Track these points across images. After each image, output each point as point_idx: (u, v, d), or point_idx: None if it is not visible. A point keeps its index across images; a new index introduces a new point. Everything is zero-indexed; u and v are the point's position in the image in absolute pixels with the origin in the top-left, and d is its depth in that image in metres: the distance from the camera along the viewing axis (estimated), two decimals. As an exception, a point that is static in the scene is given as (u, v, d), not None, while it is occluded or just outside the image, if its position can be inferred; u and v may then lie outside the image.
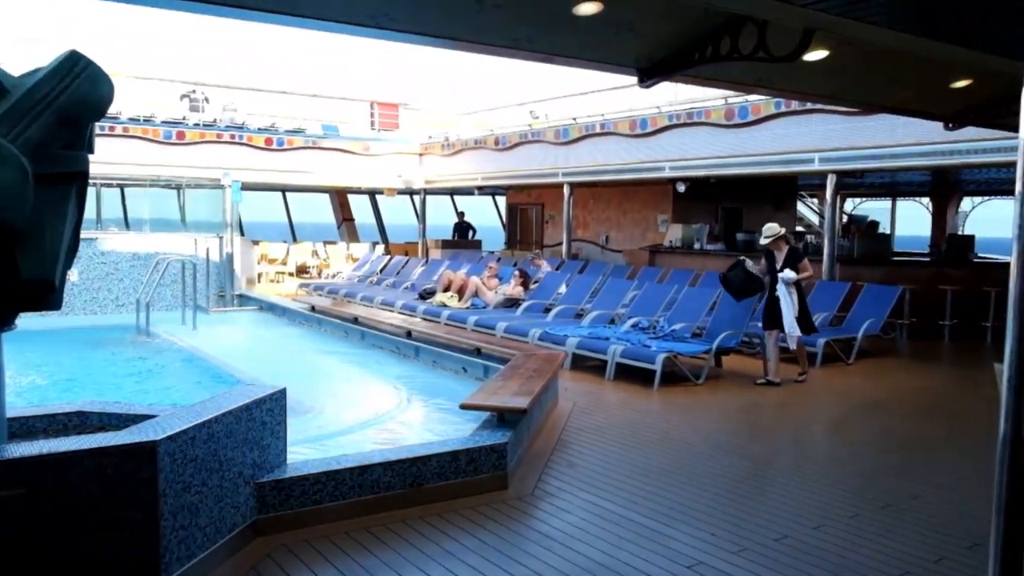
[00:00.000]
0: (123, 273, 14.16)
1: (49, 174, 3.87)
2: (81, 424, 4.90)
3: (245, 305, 15.43)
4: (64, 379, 8.52)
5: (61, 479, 3.57)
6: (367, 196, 25.22)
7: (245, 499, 4.50)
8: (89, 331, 11.50)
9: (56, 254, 3.91)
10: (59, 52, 4.04)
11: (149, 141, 17.89)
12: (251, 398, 4.59)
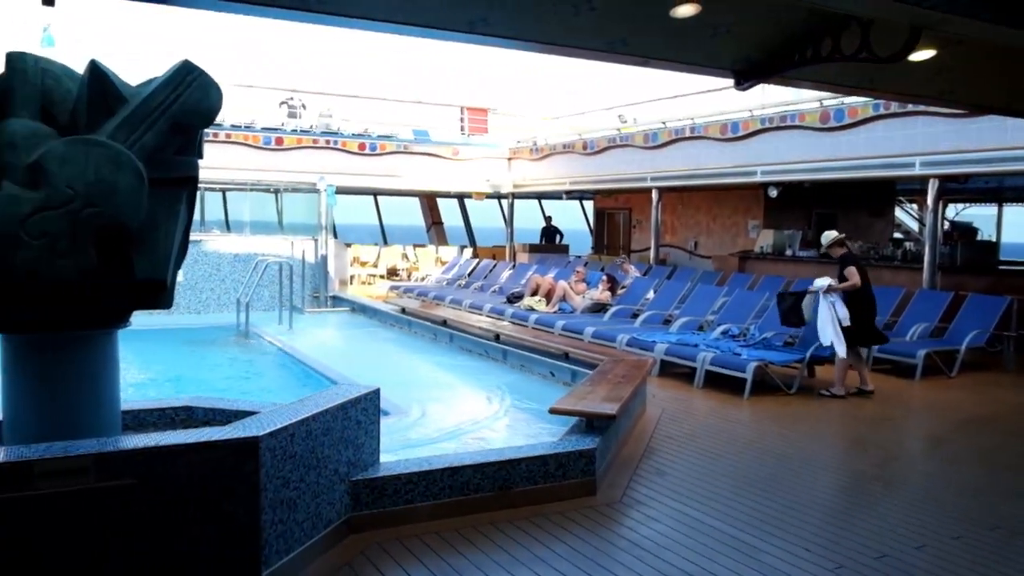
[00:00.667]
0: (224, 274, 14.71)
1: (162, 179, 4.07)
2: (188, 418, 5.12)
3: (338, 306, 15.81)
4: (171, 375, 8.90)
5: (170, 470, 3.73)
6: (456, 200, 25.52)
7: (340, 496, 4.61)
8: (193, 330, 12.00)
9: (168, 255, 4.10)
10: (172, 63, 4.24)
11: (249, 147, 18.54)
12: (347, 397, 4.71)
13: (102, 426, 4.15)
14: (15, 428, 4.09)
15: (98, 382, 4.16)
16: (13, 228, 3.65)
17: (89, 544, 3.54)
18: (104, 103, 3.98)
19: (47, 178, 3.71)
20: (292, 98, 21.44)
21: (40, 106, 3.93)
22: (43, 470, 3.43)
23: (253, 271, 13.57)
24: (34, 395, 4.06)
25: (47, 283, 3.76)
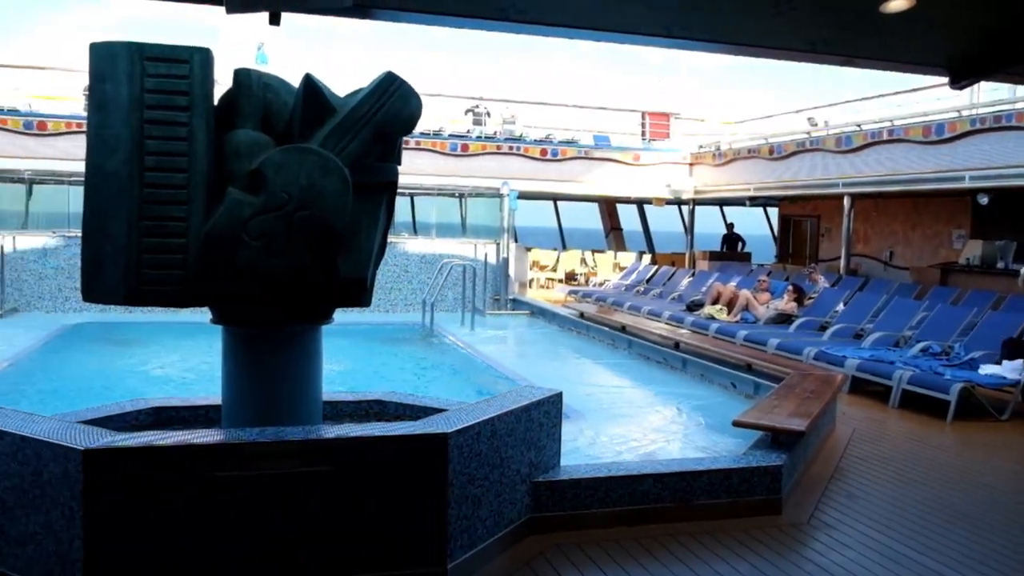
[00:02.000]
0: (412, 275, 15.37)
1: (365, 184, 4.29)
2: (380, 412, 5.38)
3: (517, 309, 16.10)
4: (363, 370, 9.40)
5: (364, 461, 3.94)
6: (635, 205, 25.33)
7: (521, 496, 4.68)
8: (382, 328, 12.61)
9: (369, 256, 4.32)
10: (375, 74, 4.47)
11: (437, 153, 19.26)
12: (531, 400, 4.77)
13: (305, 415, 4.44)
14: (231, 413, 4.46)
15: (303, 374, 4.47)
16: (236, 229, 3.98)
17: (292, 523, 3.80)
18: (316, 114, 4.26)
19: (265, 184, 4.02)
20: (477, 106, 22.05)
21: (261, 117, 4.26)
22: (256, 453, 3.71)
23: (438, 273, 14.08)
24: (248, 384, 4.41)
25: (264, 280, 4.07)
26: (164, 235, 3.97)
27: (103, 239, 3.97)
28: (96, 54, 3.97)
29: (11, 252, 13.92)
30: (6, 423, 3.89)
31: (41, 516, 3.70)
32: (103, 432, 3.80)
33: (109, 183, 3.95)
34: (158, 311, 11.61)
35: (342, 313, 4.69)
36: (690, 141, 22.16)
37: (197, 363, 10.17)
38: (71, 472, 3.58)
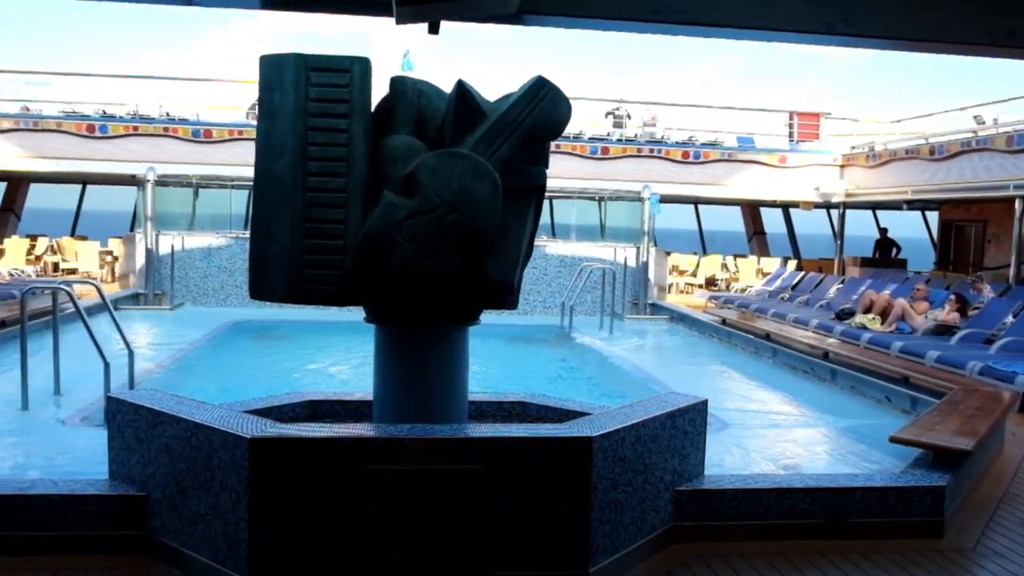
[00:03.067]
0: (551, 278, 15.46)
1: (514, 187, 4.35)
2: (523, 413, 5.43)
3: (656, 314, 15.89)
4: (503, 371, 9.54)
5: (510, 461, 3.98)
6: (779, 209, 24.47)
7: (664, 504, 4.61)
8: (521, 330, 12.74)
9: (517, 258, 4.38)
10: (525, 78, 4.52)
11: (577, 156, 19.29)
12: (675, 406, 4.70)
13: (453, 414, 4.54)
14: (382, 409, 4.62)
15: (452, 374, 4.57)
16: (391, 231, 4.12)
17: (438, 518, 3.89)
18: (467, 118, 4.35)
19: (419, 187, 4.14)
20: (618, 108, 21.92)
21: (415, 123, 4.39)
22: (409, 448, 3.83)
23: (577, 276, 14.09)
24: (399, 381, 4.56)
25: (415, 280, 4.19)
26: (324, 236, 4.16)
27: (268, 239, 4.20)
28: (266, 66, 4.21)
29: (180, 251, 14.98)
30: (181, 410, 4.19)
31: (211, 498, 3.96)
32: (267, 422, 4.03)
33: (275, 187, 4.17)
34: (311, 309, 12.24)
35: (481, 314, 4.77)
36: (841, 142, 21.19)
37: (346, 359, 10.62)
38: (238, 458, 3.81)
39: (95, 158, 18.18)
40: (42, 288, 8.65)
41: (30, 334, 7.35)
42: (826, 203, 21.19)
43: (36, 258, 19.71)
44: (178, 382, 8.51)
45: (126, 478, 4.44)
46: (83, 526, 4.31)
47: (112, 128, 18.24)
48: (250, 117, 19.43)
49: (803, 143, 21.46)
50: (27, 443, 6.22)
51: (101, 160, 18.19)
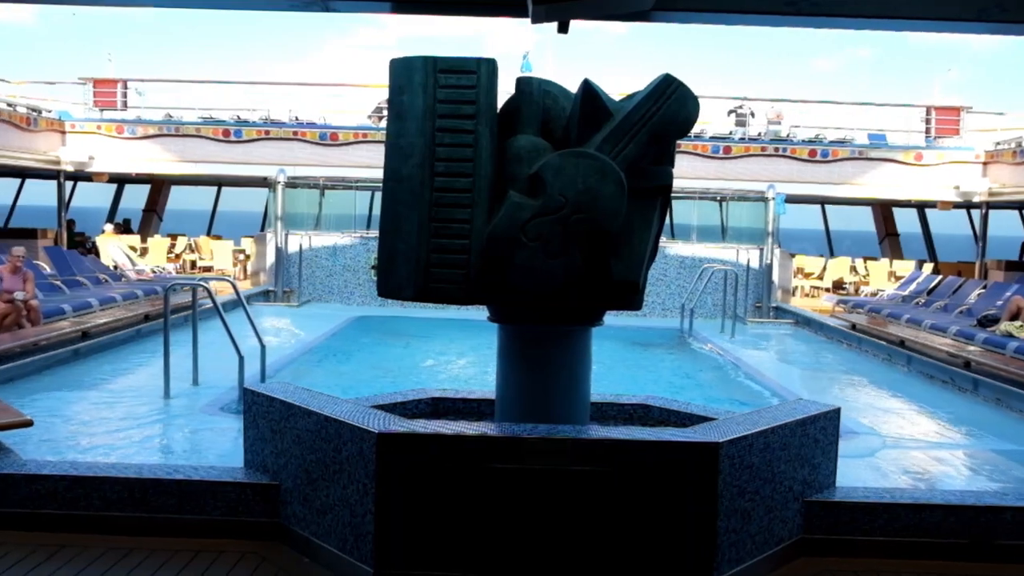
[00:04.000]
0: (670, 279, 15.20)
1: (640, 187, 4.28)
2: (644, 416, 5.35)
3: (780, 318, 15.38)
4: (622, 372, 9.45)
5: (633, 464, 3.92)
6: (914, 209, 23.23)
7: (793, 515, 4.43)
8: (639, 331, 12.58)
9: (642, 259, 4.30)
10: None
11: (698, 156, 18.91)
12: (806, 414, 4.51)
13: (575, 414, 4.51)
14: (504, 408, 4.64)
15: (574, 374, 4.54)
16: (515, 231, 4.12)
17: (558, 519, 3.87)
18: (593, 118, 4.31)
19: (544, 187, 4.13)
20: (741, 106, 21.36)
21: (540, 123, 4.38)
22: (531, 448, 3.83)
23: (698, 278, 13.80)
24: (522, 380, 4.56)
25: (540, 280, 4.18)
26: (450, 236, 4.21)
27: (397, 239, 4.28)
28: (395, 68, 4.29)
29: (307, 250, 15.57)
30: (312, 403, 4.33)
31: (339, 490, 4.07)
32: (394, 418, 4.11)
33: (404, 187, 4.25)
34: (430, 308, 12.50)
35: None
36: (984, 137, 19.91)
37: (464, 357, 10.77)
38: (366, 452, 3.90)
39: (230, 161, 19.13)
40: (183, 285, 9.17)
41: (171, 327, 7.79)
42: (966, 203, 19.97)
43: (176, 256, 20.91)
44: (305, 376, 8.85)
45: (260, 467, 4.63)
46: (220, 512, 4.51)
47: (246, 133, 19.15)
48: (373, 120, 20.01)
49: (941, 139, 20.30)
50: (169, 430, 6.60)
51: (235, 163, 19.13)
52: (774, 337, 13.74)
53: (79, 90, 20.39)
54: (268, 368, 7.80)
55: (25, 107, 18.20)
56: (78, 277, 14.95)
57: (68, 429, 6.41)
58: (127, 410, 7.08)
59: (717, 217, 18.20)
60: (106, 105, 20.19)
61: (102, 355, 9.33)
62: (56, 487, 4.52)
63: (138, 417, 6.83)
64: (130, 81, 20.59)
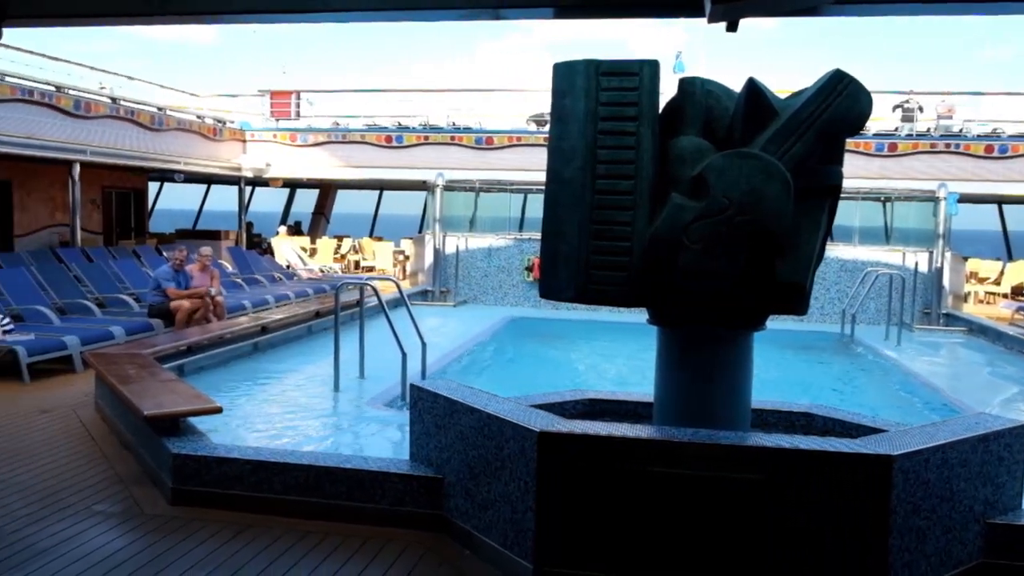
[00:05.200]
0: (829, 283, 14.53)
1: (807, 188, 4.16)
2: (807, 424, 5.18)
3: (952, 325, 14.38)
4: (780, 378, 9.13)
5: (797, 474, 3.80)
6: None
7: (973, 537, 4.17)
8: (796, 335, 12.12)
9: (809, 262, 4.18)
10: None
11: (860, 154, 18.01)
12: (988, 429, 4.23)
13: (735, 420, 4.43)
14: (662, 411, 4.62)
15: (735, 379, 4.46)
16: (677, 233, 4.10)
17: (716, 526, 3.81)
18: (758, 117, 4.22)
19: (707, 189, 4.09)
20: (907, 100, 20.18)
21: (703, 123, 4.34)
22: (692, 453, 3.80)
23: (860, 282, 13.14)
24: (681, 384, 4.53)
25: (702, 283, 4.14)
26: (611, 238, 4.24)
27: (558, 240, 4.35)
28: (558, 72, 4.37)
29: (463, 252, 15.98)
30: (475, 401, 4.47)
31: (501, 486, 4.19)
32: (555, 417, 4.18)
33: (565, 190, 4.32)
34: (582, 309, 12.54)
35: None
36: None
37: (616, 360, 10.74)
38: (527, 450, 3.99)
39: (391, 166, 19.95)
40: (351, 284, 9.65)
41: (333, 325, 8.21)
42: None
43: (341, 256, 22.00)
44: (461, 374, 9.11)
45: (425, 460, 4.83)
46: (388, 502, 4.74)
47: (406, 138, 19.91)
48: (529, 124, 20.31)
49: None
50: (339, 421, 6.97)
51: (396, 168, 19.93)
52: (945, 346, 12.86)
53: (258, 101, 21.87)
54: (427, 366, 8.09)
55: (211, 119, 19.71)
56: (256, 275, 16.06)
57: (250, 417, 6.90)
58: (301, 401, 7.54)
59: (880, 218, 17.24)
60: (281, 115, 21.56)
61: (278, 349, 9.97)
62: (242, 470, 4.90)
63: (310, 408, 7.26)
64: (302, 92, 21.90)
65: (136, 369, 6.61)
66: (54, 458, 5.84)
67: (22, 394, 7.81)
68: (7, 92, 13.48)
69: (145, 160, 17.09)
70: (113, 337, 9.41)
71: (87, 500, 5.02)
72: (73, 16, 3.43)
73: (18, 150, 13.76)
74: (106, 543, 4.42)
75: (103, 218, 19.45)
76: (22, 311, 10.05)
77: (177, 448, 5.01)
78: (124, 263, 14.27)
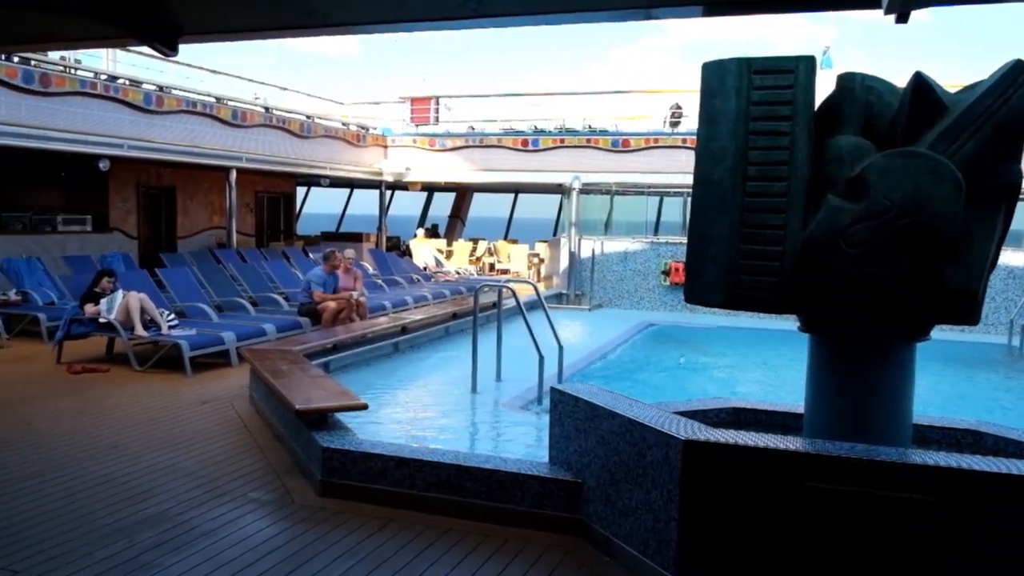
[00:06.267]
0: (995, 291, 13.52)
1: (981, 188, 3.87)
2: (975, 443, 4.82)
3: None
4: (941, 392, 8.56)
5: (967, 496, 3.53)
6: None
7: None
8: (955, 346, 11.35)
9: (981, 268, 3.89)
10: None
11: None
12: None
13: (895, 436, 4.16)
14: (814, 423, 4.40)
15: (895, 392, 4.19)
16: (834, 237, 3.90)
17: (879, 548, 3.58)
18: (925, 113, 3.96)
19: (867, 190, 3.87)
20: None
21: (862, 121, 4.11)
22: (851, 469, 3.59)
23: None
24: (835, 396, 4.29)
25: (860, 289, 3.92)
26: (762, 242, 4.08)
27: (706, 244, 4.23)
28: (708, 72, 4.24)
29: (599, 255, 15.91)
30: (616, 405, 4.41)
31: (642, 493, 4.10)
32: (700, 426, 4.06)
33: (714, 192, 4.19)
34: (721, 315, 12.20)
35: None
36: None
37: (757, 368, 10.39)
38: (671, 458, 3.89)
39: (527, 169, 20.12)
40: (490, 286, 9.78)
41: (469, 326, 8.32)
42: None
43: (476, 259, 22.36)
44: (596, 377, 9.04)
45: (564, 464, 4.80)
46: (526, 503, 4.74)
47: (542, 142, 20.02)
48: (666, 125, 20.01)
49: None
50: (476, 421, 7.06)
51: (531, 171, 20.08)
52: None
53: (398, 108, 22.57)
54: (564, 369, 8.07)
55: (356, 125, 20.50)
56: (396, 276, 16.56)
57: (391, 414, 7.10)
58: (439, 401, 7.69)
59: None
60: (421, 121, 22.16)
61: (417, 349, 10.23)
62: (387, 466, 5.03)
63: (449, 408, 7.40)
64: (441, 98, 22.42)
65: (287, 365, 6.92)
66: (213, 446, 6.19)
67: (184, 385, 8.33)
68: (174, 104, 14.47)
69: (294, 166, 17.95)
70: (265, 334, 9.90)
71: (243, 488, 5.28)
72: (242, 31, 3.60)
73: (183, 157, 14.75)
74: (261, 529, 4.64)
75: (255, 221, 20.58)
76: (185, 308, 10.75)
77: (326, 442, 5.20)
78: (275, 264, 15.02)
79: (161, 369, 8.91)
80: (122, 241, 16.08)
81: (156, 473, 5.53)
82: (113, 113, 13.20)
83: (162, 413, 7.17)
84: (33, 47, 7.64)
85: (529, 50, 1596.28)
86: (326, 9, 3.31)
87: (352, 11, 3.37)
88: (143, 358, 9.06)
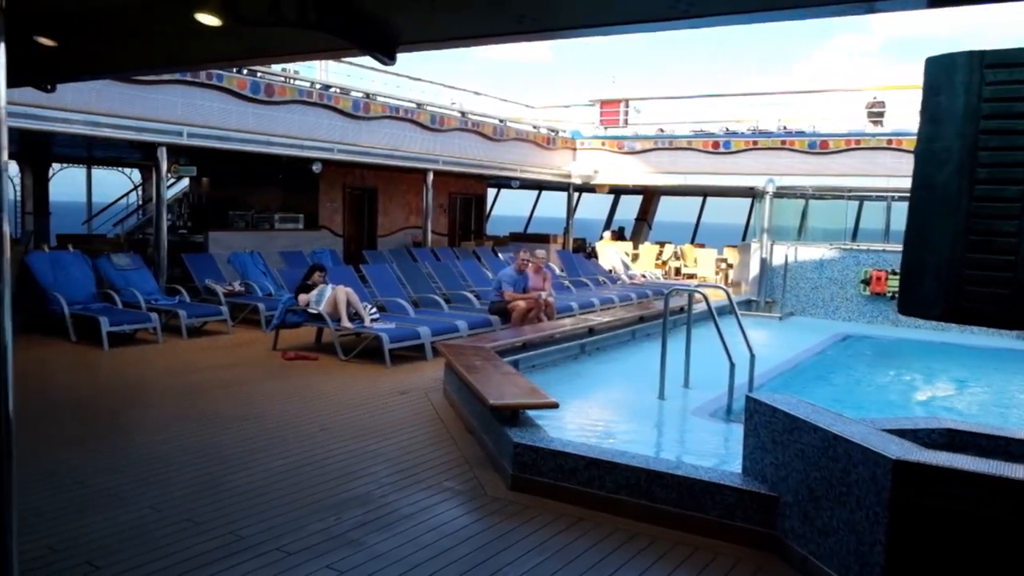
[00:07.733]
0: None
1: None
2: None
3: None
4: None
5: None
6: None
7: None
8: None
9: None
10: None
11: None
12: None
13: None
14: None
15: None
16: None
17: None
18: None
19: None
20: None
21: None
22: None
23: None
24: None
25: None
26: (992, 251, 3.76)
27: (924, 252, 3.95)
28: (931, 67, 3.96)
29: (792, 261, 15.24)
30: (818, 419, 4.22)
31: (845, 513, 3.90)
32: (913, 446, 3.81)
33: (935, 196, 3.91)
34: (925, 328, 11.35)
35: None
36: None
37: (968, 387, 9.59)
38: (879, 478, 3.67)
39: (717, 172, 19.64)
40: (680, 290, 9.64)
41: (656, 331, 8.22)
42: None
43: (662, 263, 22.09)
44: (790, 388, 8.67)
45: (758, 476, 4.65)
46: (717, 513, 4.64)
47: (734, 144, 19.47)
48: (866, 123, 18.89)
49: None
50: (664, 428, 6.99)
51: (722, 174, 19.58)
52: None
53: (588, 111, 22.72)
54: (755, 378, 7.81)
55: (545, 129, 20.84)
56: (582, 278, 16.68)
57: (578, 415, 7.16)
58: (626, 404, 7.67)
59: None
60: (609, 123, 22.20)
61: (603, 352, 10.25)
62: (576, 465, 5.08)
63: (635, 412, 7.36)
64: (630, 100, 22.34)
65: (480, 361, 7.15)
66: (410, 435, 6.51)
67: (384, 376, 8.81)
68: (379, 110, 15.34)
69: (487, 168, 18.50)
70: (458, 330, 10.28)
71: (439, 477, 5.52)
72: (454, 39, 3.76)
73: (386, 160, 15.61)
74: (455, 517, 4.82)
75: (448, 221, 21.40)
76: (385, 302, 11.36)
77: (518, 438, 5.32)
78: (466, 263, 15.55)
79: (363, 359, 9.48)
80: (329, 238, 17.24)
81: (360, 456, 5.89)
82: (325, 119, 14.18)
83: (365, 401, 7.62)
84: (267, 60, 8.35)
85: (719, 53, 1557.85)
86: (536, 14, 3.39)
87: (560, 15, 3.43)
88: (347, 348, 9.67)
